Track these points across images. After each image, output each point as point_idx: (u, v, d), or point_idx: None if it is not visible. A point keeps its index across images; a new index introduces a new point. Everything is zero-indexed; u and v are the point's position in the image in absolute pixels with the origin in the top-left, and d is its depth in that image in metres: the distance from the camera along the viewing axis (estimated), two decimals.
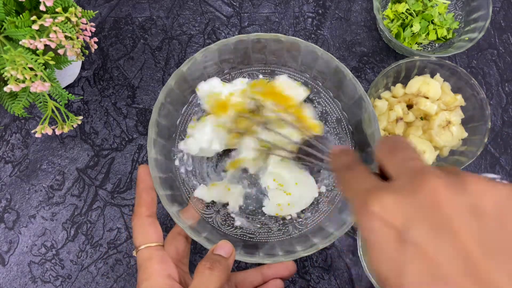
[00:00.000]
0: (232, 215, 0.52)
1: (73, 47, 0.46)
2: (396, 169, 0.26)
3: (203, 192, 0.51)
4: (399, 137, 0.30)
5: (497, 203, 0.22)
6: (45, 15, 0.43)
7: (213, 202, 0.52)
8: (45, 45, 0.44)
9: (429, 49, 0.64)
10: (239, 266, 0.56)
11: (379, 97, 0.59)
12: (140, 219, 0.41)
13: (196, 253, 0.57)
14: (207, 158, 0.54)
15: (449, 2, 0.65)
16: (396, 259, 0.23)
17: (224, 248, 0.40)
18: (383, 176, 0.28)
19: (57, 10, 0.44)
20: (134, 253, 0.41)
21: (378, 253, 0.24)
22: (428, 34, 0.63)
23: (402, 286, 0.22)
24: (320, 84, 0.54)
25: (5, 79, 0.43)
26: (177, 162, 0.52)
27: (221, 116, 0.50)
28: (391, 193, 0.24)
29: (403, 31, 0.63)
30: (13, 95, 0.48)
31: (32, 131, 0.50)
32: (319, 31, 0.65)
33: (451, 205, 0.22)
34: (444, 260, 0.21)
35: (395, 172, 0.26)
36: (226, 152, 0.54)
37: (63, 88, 0.48)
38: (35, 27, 0.43)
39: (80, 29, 0.48)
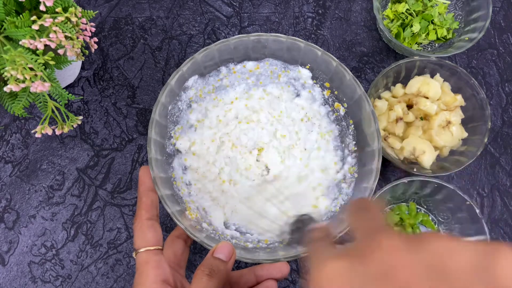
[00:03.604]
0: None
1: (73, 47, 0.46)
2: (359, 232, 0.24)
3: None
4: (364, 199, 0.28)
5: (468, 263, 0.19)
6: (45, 15, 0.43)
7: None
8: (45, 45, 0.43)
9: (429, 49, 0.64)
10: (239, 266, 0.56)
11: (379, 97, 0.59)
12: (140, 222, 0.41)
13: (196, 253, 0.56)
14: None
15: (449, 2, 0.65)
16: None
17: (224, 251, 0.39)
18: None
19: (57, 10, 0.44)
20: (134, 255, 0.41)
21: None
22: (428, 34, 0.63)
23: None
24: (320, 84, 0.54)
25: (5, 79, 0.43)
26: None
27: None
28: (342, 260, 0.22)
29: (403, 31, 0.63)
30: (13, 95, 0.48)
31: (32, 131, 0.50)
32: (319, 31, 0.65)
33: (407, 268, 0.20)
34: None
35: (357, 235, 0.24)
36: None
37: (63, 88, 0.48)
38: (35, 27, 0.43)
39: (80, 29, 0.48)
